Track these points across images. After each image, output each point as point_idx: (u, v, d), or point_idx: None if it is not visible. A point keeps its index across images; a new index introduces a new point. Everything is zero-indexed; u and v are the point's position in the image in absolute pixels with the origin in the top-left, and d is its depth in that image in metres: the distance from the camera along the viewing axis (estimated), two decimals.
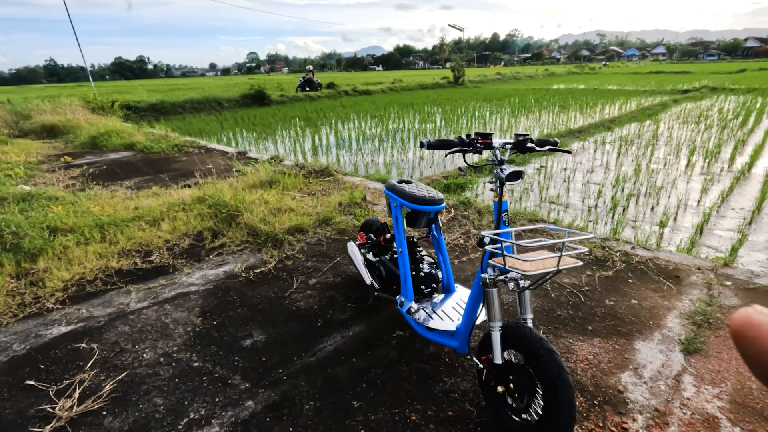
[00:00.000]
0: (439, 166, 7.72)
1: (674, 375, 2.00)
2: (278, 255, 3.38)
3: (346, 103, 18.98)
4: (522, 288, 1.59)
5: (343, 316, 2.55)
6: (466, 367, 2.09)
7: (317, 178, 5.49)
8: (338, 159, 8.19)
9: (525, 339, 1.55)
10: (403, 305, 2.19)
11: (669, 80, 28.47)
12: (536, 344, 1.50)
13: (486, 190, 6.19)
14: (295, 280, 3.00)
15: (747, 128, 9.97)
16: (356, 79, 42.24)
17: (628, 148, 8.46)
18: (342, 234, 3.79)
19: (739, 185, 5.82)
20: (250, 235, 3.73)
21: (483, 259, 1.71)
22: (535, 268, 1.42)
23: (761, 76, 27.46)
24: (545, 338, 1.53)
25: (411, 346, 2.26)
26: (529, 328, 1.56)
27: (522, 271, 1.42)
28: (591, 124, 11.60)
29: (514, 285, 1.61)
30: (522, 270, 1.42)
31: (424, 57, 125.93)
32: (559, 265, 1.43)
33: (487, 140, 1.62)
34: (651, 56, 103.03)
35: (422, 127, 11.54)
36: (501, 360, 1.62)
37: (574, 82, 29.81)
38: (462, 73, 29.93)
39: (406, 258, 2.18)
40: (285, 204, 4.37)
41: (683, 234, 4.39)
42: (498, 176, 1.60)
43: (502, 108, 15.43)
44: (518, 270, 1.43)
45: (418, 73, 54.94)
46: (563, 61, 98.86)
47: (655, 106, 14.79)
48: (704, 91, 19.81)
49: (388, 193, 2.27)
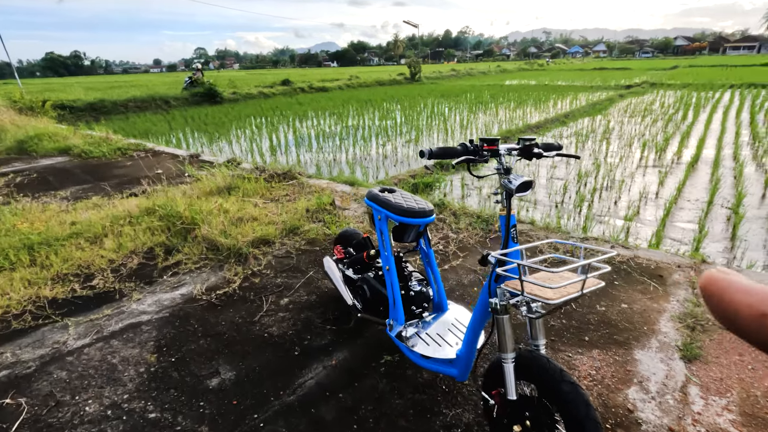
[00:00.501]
0: (404, 164, 7.55)
1: (680, 387, 1.91)
2: (243, 272, 3.05)
3: (302, 101, 18.45)
4: (538, 315, 1.40)
5: (323, 342, 2.28)
6: (466, 395, 1.90)
7: (280, 182, 5.14)
8: (299, 159, 7.82)
9: (543, 371, 1.37)
10: (392, 329, 1.96)
11: (612, 76, 29.97)
12: (557, 377, 1.33)
13: (455, 188, 6.09)
14: (264, 301, 2.69)
15: (688, 121, 10.55)
16: (311, 75, 41.37)
17: (584, 143, 8.68)
18: (312, 244, 3.50)
19: (690, 177, 6.06)
20: (209, 250, 3.36)
21: (489, 280, 1.52)
22: (560, 295, 1.24)
23: (692, 72, 29.51)
24: (566, 370, 1.35)
25: (402, 374, 2.04)
26: (547, 359, 1.39)
27: (545, 299, 1.24)
28: (547, 119, 11.87)
29: (527, 310, 1.43)
30: (545, 298, 1.24)
31: (378, 53, 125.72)
32: (583, 288, 1.26)
33: (493, 146, 1.43)
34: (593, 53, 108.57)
35: (383, 124, 11.34)
36: (516, 395, 1.43)
37: (525, 78, 30.71)
38: (418, 70, 30.03)
39: (395, 277, 1.95)
40: (247, 212, 4.01)
41: (648, 228, 4.46)
42: (506, 187, 1.41)
43: (459, 104, 15.53)
44: (541, 298, 1.24)
45: (374, 70, 54.69)
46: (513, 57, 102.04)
47: (603, 101, 15.42)
48: (645, 86, 20.96)
49: (370, 204, 2.03)
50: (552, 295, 1.24)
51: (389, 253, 1.96)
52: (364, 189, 4.85)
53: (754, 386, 1.90)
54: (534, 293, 1.27)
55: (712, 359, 2.08)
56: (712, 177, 6.04)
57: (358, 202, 4.45)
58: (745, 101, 13.75)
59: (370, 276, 2.16)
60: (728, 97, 15.56)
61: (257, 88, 21.27)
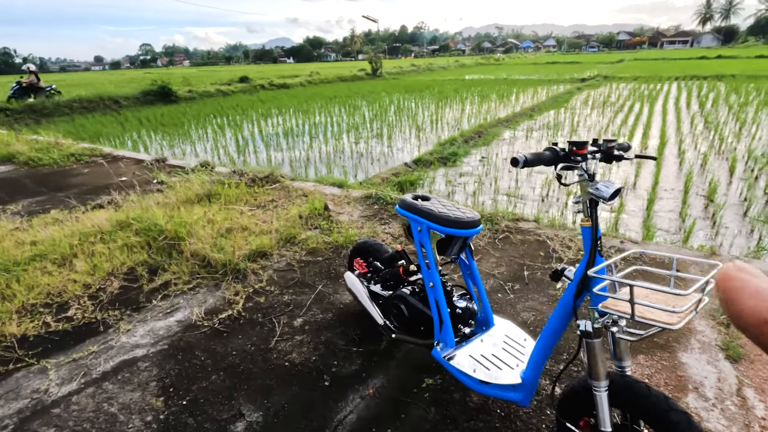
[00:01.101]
0: (381, 162, 7.36)
1: (735, 390, 1.86)
2: (244, 291, 2.76)
3: (264, 98, 17.81)
4: (638, 336, 1.26)
5: (353, 367, 2.07)
6: (525, 419, 1.75)
7: (263, 187, 4.80)
8: (270, 159, 7.44)
9: (644, 399, 1.23)
10: (440, 350, 1.78)
11: (565, 69, 31.09)
12: (664, 407, 1.19)
13: (438, 185, 5.97)
14: (276, 323, 2.43)
15: (646, 111, 11.03)
16: (269, 72, 40.18)
17: (554, 135, 8.83)
18: (314, 254, 3.24)
19: (662, 168, 6.26)
20: (200, 267, 3.03)
21: (568, 298, 1.37)
22: (679, 319, 1.10)
23: (638, 65, 31.13)
24: (671, 397, 1.23)
25: (449, 399, 1.86)
26: (647, 386, 1.25)
27: (665, 324, 1.09)
28: (515, 113, 12.05)
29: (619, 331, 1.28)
30: (665, 323, 1.09)
31: (335, 49, 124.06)
32: (698, 307, 1.13)
33: (583, 150, 1.26)
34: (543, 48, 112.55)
35: (352, 121, 11.08)
36: (610, 427, 1.29)
37: (484, 73, 31.24)
38: (379, 65, 29.86)
39: (441, 294, 1.76)
40: (235, 222, 3.69)
41: (636, 219, 4.52)
42: (596, 195, 1.24)
43: (424, 99, 15.50)
44: (658, 323, 1.10)
45: (334, 66, 53.87)
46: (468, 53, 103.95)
47: (564, 95, 15.88)
48: (599, 79, 21.84)
49: (406, 214, 1.83)
50: (674, 320, 1.09)
51: (434, 268, 1.77)
52: (356, 191, 4.62)
53: None
54: (646, 317, 1.12)
55: (757, 358, 2.05)
56: (680, 167, 6.28)
57: (352, 206, 4.22)
58: (692, 92, 14.58)
59: (407, 293, 1.96)
60: (675, 87, 16.47)
61: (214, 86, 20.34)
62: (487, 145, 8.47)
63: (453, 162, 7.24)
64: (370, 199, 4.34)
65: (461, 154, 7.63)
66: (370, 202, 4.28)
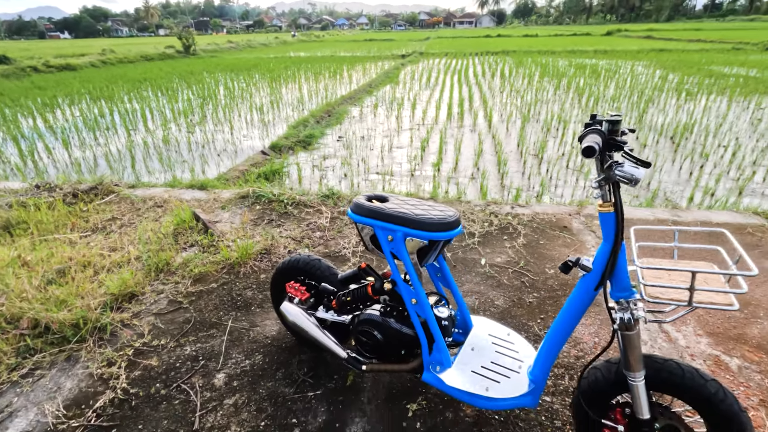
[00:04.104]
0: (229, 152, 6.47)
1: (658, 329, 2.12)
2: (120, 356, 1.98)
3: (42, 84, 13.99)
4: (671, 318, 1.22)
5: (320, 419, 1.65)
6: (525, 419, 1.65)
7: (91, 202, 3.63)
8: (78, 165, 5.77)
9: (677, 377, 1.22)
10: (438, 373, 1.52)
11: (384, 46, 32.85)
12: (698, 380, 1.20)
13: (304, 171, 5.54)
14: (189, 390, 1.79)
15: (465, 84, 12.41)
16: (39, 50, 31.82)
17: (399, 109, 9.16)
18: (203, 282, 2.55)
19: (498, 134, 7.09)
20: (33, 337, 2.06)
21: (587, 291, 1.26)
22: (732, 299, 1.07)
23: (443, 43, 34.96)
24: (700, 369, 1.24)
25: (443, 419, 1.64)
26: (677, 363, 1.24)
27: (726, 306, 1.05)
28: (356, 90, 12.13)
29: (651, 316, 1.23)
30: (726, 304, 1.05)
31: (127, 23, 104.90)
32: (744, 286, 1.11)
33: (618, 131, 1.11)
34: (357, 25, 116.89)
35: (177, 107, 9.51)
36: (649, 414, 1.25)
37: (308, 50, 30.76)
38: (192, 42, 26.48)
39: (429, 310, 1.49)
40: (66, 259, 2.65)
41: (493, 181, 4.98)
42: (623, 178, 1.12)
43: (254, 79, 14.37)
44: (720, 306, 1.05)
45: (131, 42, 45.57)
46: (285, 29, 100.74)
47: (393, 70, 16.73)
48: (416, 55, 23.71)
49: (369, 222, 1.47)
50: (730, 301, 1.06)
51: (416, 281, 1.48)
52: (225, 191, 3.87)
53: None
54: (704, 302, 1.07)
55: None
56: (508, 131, 7.21)
57: (228, 210, 3.52)
58: (492, 65, 17.02)
59: (376, 314, 1.62)
60: (478, 61, 19.02)
61: None
62: (340, 124, 8.28)
63: (312, 144, 6.84)
64: (248, 199, 3.69)
65: (318, 136, 7.27)
66: (248, 202, 3.64)
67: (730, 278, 1.13)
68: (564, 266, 1.33)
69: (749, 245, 2.86)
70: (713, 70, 13.42)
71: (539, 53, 22.06)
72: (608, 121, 1.09)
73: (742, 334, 2.06)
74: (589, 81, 11.93)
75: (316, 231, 3.18)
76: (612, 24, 68.43)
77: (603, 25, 65.38)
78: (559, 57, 19.95)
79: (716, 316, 2.19)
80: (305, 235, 3.11)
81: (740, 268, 1.11)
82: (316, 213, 3.45)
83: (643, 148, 6.13)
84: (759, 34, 30.36)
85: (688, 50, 21.28)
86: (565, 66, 15.82)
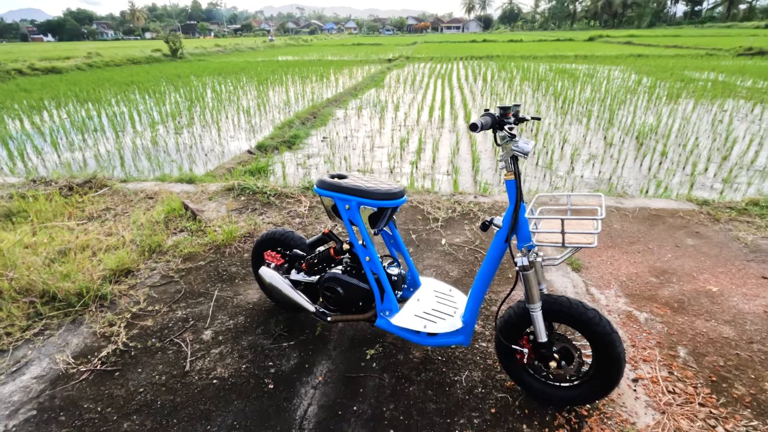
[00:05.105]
0: (216, 152, 6.75)
1: (585, 291, 2.48)
2: (119, 318, 2.27)
3: (27, 86, 14.07)
4: (563, 257, 1.56)
5: (293, 362, 1.97)
6: (463, 357, 1.99)
7: (86, 195, 3.89)
8: (68, 164, 5.99)
9: (566, 308, 1.56)
10: (387, 317, 1.85)
11: (371, 51, 33.30)
12: (582, 310, 1.55)
13: (288, 167, 5.85)
14: (182, 343, 2.10)
15: (448, 87, 12.84)
16: (24, 52, 31.59)
17: (382, 112, 9.52)
18: (193, 260, 2.85)
19: (472, 134, 7.48)
20: (42, 304, 2.34)
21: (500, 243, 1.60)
22: (593, 239, 1.43)
23: (429, 47, 35.54)
24: (584, 302, 1.59)
25: (395, 361, 1.97)
26: (567, 298, 1.59)
27: (587, 244, 1.41)
28: (341, 93, 12.46)
29: (542, 260, 1.59)
30: (587, 243, 1.41)
31: (113, 26, 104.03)
32: (598, 227, 1.48)
33: (509, 114, 1.47)
34: (346, 30, 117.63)
35: (165, 109, 9.75)
36: (546, 337, 1.60)
37: (297, 54, 31.05)
38: (179, 45, 26.57)
39: (380, 266, 1.82)
40: (66, 242, 2.93)
41: (466, 177, 5.35)
42: (520, 151, 1.47)
43: (242, 82, 14.63)
44: (583, 244, 1.41)
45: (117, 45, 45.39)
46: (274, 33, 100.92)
47: (379, 74, 17.12)
48: (402, 60, 24.18)
49: (330, 194, 1.80)
50: (591, 240, 1.42)
51: (369, 242, 1.81)
52: (213, 185, 4.16)
53: (622, 275, 2.64)
54: (572, 242, 1.42)
55: (589, 265, 2.76)
56: (484, 132, 7.61)
57: (215, 201, 3.81)
58: (475, 70, 17.53)
59: (338, 272, 1.95)
60: (462, 66, 19.53)
61: None
62: (325, 125, 8.60)
63: (297, 145, 7.15)
64: (233, 191, 3.99)
65: (303, 136, 7.58)
66: (234, 194, 3.94)
67: (597, 225, 1.48)
68: (483, 225, 1.67)
69: (678, 227, 3.26)
70: (685, 75, 14.05)
71: (522, 58, 22.68)
72: (500, 107, 1.44)
73: (655, 295, 2.43)
74: (566, 85, 12.44)
75: (295, 218, 3.50)
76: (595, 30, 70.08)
77: (586, 31, 66.91)
78: (541, 62, 20.56)
79: (636, 282, 2.56)
80: (286, 221, 3.43)
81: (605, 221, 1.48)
82: (296, 202, 3.77)
83: (609, 147, 6.56)
84: (733, 40, 31.49)
85: (664, 56, 22.07)
86: (545, 70, 16.38)
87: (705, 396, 1.74)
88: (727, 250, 2.91)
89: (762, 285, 2.50)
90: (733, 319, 2.22)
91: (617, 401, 1.73)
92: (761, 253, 2.84)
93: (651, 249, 2.94)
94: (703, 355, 1.98)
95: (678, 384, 1.81)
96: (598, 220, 1.44)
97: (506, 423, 1.65)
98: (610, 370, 1.55)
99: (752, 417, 1.65)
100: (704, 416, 1.65)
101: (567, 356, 1.64)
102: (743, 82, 12.39)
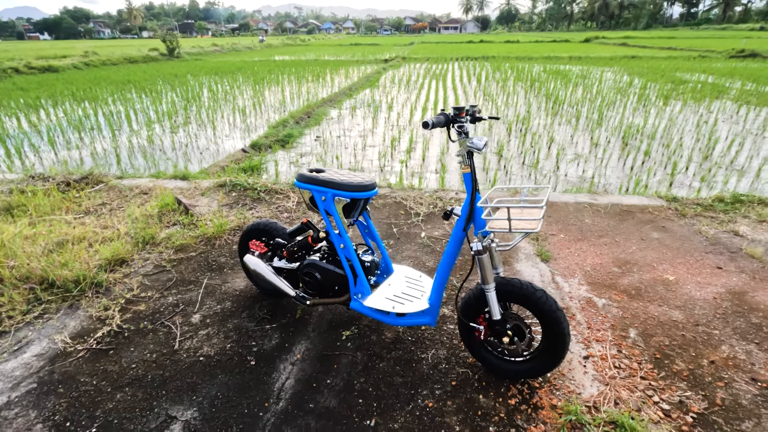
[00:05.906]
0: (211, 150, 6.91)
1: (551, 279, 2.66)
2: (114, 303, 2.43)
3: (24, 85, 14.18)
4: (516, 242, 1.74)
5: (274, 342, 2.14)
6: (430, 337, 2.16)
7: (83, 190, 4.05)
8: (65, 162, 6.14)
9: (517, 288, 1.74)
10: (360, 300, 2.02)
11: (368, 51, 33.46)
12: (531, 290, 1.72)
13: (281, 165, 6.02)
14: (171, 325, 2.26)
15: (442, 87, 13.01)
16: (20, 51, 31.62)
17: (376, 111, 9.70)
18: (184, 251, 3.02)
19: None
20: (42, 290, 2.50)
21: (459, 230, 1.77)
22: (537, 224, 1.60)
23: (426, 48, 35.72)
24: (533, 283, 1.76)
25: (368, 341, 2.14)
26: (518, 280, 1.76)
27: (530, 230, 1.58)
28: (336, 93, 12.63)
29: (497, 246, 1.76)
30: (531, 229, 1.58)
31: (110, 24, 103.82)
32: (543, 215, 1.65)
33: (463, 114, 1.64)
34: (343, 30, 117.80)
35: (161, 108, 9.89)
36: (500, 315, 1.77)
37: (294, 54, 31.18)
38: (176, 45, 26.68)
39: (353, 252, 1.99)
40: (64, 234, 3.09)
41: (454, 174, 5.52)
42: (473, 147, 1.64)
43: (239, 82, 14.78)
44: (528, 230, 1.58)
45: (114, 44, 45.41)
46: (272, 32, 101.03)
47: (374, 74, 17.28)
48: (399, 60, 24.35)
49: (308, 187, 1.97)
50: (535, 226, 1.59)
51: (343, 231, 1.98)
52: (205, 181, 4.32)
53: (587, 265, 2.81)
54: (518, 228, 1.60)
55: (557, 256, 2.93)
56: (475, 131, 7.79)
57: (207, 197, 3.97)
58: (470, 70, 17.71)
59: (316, 259, 2.12)
60: (457, 66, 19.70)
61: None
62: (318, 125, 8.76)
63: (290, 143, 7.31)
64: (225, 187, 4.16)
65: (296, 135, 7.74)
66: (225, 190, 4.10)
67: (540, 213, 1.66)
68: (445, 214, 1.84)
69: (645, 221, 3.44)
70: (676, 77, 14.26)
71: (517, 59, 22.89)
72: (454, 108, 1.61)
73: (615, 284, 2.61)
74: (558, 86, 12.64)
75: (284, 212, 3.66)
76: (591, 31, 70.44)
77: (582, 32, 67.31)
78: (536, 63, 20.77)
79: (599, 272, 2.74)
80: (274, 216, 3.59)
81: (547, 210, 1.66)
82: (285, 198, 3.94)
83: (595, 147, 6.74)
84: (727, 42, 31.81)
85: (658, 57, 22.31)
86: (539, 71, 16.58)
87: (647, 371, 1.92)
88: (688, 243, 3.09)
89: (715, 274, 2.68)
90: (684, 304, 2.40)
91: (567, 375, 1.90)
92: (719, 246, 3.02)
93: (617, 242, 3.12)
94: (651, 336, 2.15)
95: (624, 360, 1.98)
96: (541, 208, 1.62)
97: (465, 394, 1.82)
98: (556, 344, 1.73)
99: (687, 388, 1.83)
100: (644, 387, 1.82)
101: (519, 332, 1.81)
102: (732, 84, 12.61)
